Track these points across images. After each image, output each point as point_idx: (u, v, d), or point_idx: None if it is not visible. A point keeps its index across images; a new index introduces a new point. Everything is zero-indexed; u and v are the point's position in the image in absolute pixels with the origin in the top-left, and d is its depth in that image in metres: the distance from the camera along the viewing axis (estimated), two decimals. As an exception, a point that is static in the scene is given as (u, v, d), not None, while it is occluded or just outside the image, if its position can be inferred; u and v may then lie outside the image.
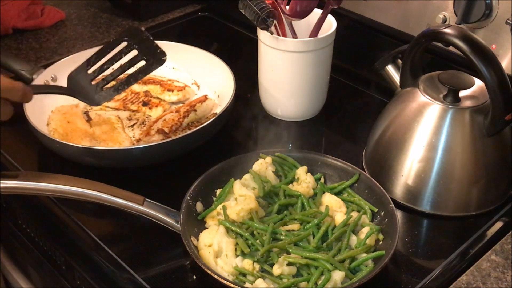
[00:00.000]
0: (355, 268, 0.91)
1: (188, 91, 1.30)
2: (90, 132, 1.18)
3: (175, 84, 1.31)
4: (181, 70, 1.36)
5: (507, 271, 0.93)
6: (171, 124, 1.17)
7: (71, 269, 1.02)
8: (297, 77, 1.21)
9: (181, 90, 1.29)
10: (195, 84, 1.34)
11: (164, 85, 1.31)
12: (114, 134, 1.17)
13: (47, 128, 1.18)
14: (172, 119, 1.19)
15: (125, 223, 1.04)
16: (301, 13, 1.17)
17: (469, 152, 1.00)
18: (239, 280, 0.89)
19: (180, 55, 1.34)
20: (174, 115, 1.20)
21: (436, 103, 1.02)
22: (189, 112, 1.20)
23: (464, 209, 1.03)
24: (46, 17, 1.58)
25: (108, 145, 1.14)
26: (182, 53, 1.34)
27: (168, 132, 1.15)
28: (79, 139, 1.14)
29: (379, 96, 1.32)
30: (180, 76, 1.35)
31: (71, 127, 1.18)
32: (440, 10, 1.22)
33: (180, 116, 1.19)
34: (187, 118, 1.19)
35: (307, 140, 1.26)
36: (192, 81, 1.35)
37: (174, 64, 1.36)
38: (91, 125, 1.20)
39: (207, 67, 1.31)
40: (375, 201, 1.01)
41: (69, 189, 0.92)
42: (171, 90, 1.29)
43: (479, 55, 0.94)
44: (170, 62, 1.35)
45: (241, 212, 0.96)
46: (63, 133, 1.16)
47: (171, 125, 1.17)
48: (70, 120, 1.19)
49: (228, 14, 1.64)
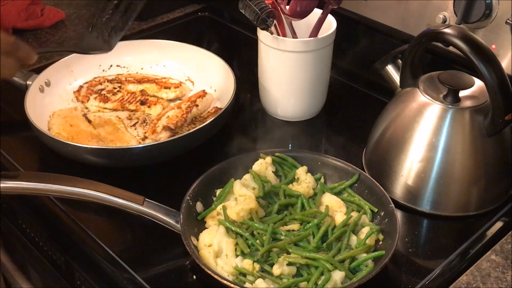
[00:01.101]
0: (355, 268, 0.91)
1: (184, 88, 1.31)
2: (95, 134, 1.18)
3: (170, 81, 1.32)
4: (173, 67, 1.38)
5: (507, 271, 0.93)
6: (176, 120, 1.19)
7: (71, 269, 1.02)
8: (297, 77, 1.21)
9: (177, 87, 1.30)
10: (189, 80, 1.36)
11: (159, 83, 1.31)
12: (119, 134, 1.18)
13: (50, 132, 1.17)
14: (175, 115, 1.20)
15: (125, 223, 1.04)
16: (301, 13, 1.17)
17: (469, 152, 1.00)
18: (239, 280, 0.90)
19: (172, 52, 1.36)
20: (177, 112, 1.21)
21: (436, 103, 1.02)
22: (191, 108, 1.22)
23: (464, 209, 1.03)
24: (46, 17, 1.57)
25: (117, 145, 1.14)
26: (174, 51, 1.36)
27: (174, 128, 1.17)
28: (86, 141, 1.15)
29: (379, 96, 1.32)
30: (173, 73, 1.37)
31: (75, 130, 1.18)
32: (440, 10, 1.22)
33: (183, 112, 1.21)
34: (190, 114, 1.21)
35: (307, 140, 1.26)
36: (185, 78, 1.36)
37: (166, 62, 1.38)
38: (94, 127, 1.20)
39: (199, 62, 1.33)
40: (375, 201, 1.01)
41: (69, 189, 0.92)
42: (168, 88, 1.30)
43: (479, 55, 0.94)
44: (162, 60, 1.37)
45: (241, 212, 0.96)
46: (68, 136, 1.16)
47: (176, 121, 1.18)
48: (72, 123, 1.19)
49: (228, 14, 1.64)
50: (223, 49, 1.54)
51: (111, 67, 1.38)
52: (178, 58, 1.37)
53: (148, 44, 1.39)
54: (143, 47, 1.39)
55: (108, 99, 1.28)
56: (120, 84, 1.33)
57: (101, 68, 1.37)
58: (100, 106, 1.27)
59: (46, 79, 1.26)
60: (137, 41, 1.41)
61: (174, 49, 1.37)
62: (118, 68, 1.38)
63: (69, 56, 1.31)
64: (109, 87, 1.32)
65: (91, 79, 1.34)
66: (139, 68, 1.39)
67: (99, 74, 1.37)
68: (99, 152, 1.09)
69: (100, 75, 1.36)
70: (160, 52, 1.38)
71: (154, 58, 1.39)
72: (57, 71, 1.29)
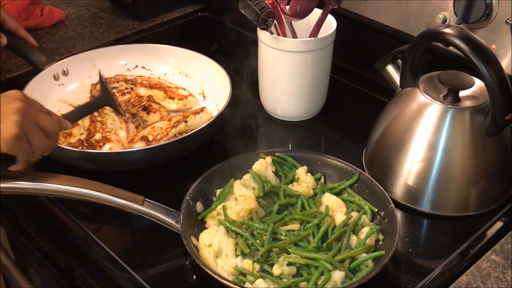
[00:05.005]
0: (355, 268, 0.91)
1: (190, 101, 1.27)
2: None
3: (179, 92, 1.29)
4: (192, 78, 1.35)
5: (507, 271, 0.93)
6: (157, 132, 1.15)
7: (71, 269, 1.02)
8: (297, 77, 1.21)
9: (182, 99, 1.26)
10: (202, 94, 1.32)
11: (167, 92, 1.28)
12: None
13: None
14: (160, 127, 1.16)
15: (125, 223, 1.04)
16: (301, 13, 1.17)
17: (469, 152, 1.00)
18: (239, 280, 0.89)
19: (193, 64, 1.33)
20: (165, 124, 1.17)
21: (436, 103, 1.02)
22: (179, 123, 1.16)
23: (464, 209, 1.03)
24: (46, 17, 1.57)
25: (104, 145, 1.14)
26: (195, 62, 1.33)
27: (152, 140, 1.13)
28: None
29: (379, 96, 1.32)
30: (190, 84, 1.34)
31: None
32: (440, 10, 1.22)
33: (169, 126, 1.16)
34: (175, 129, 1.15)
35: (307, 140, 1.26)
36: (200, 91, 1.32)
37: (188, 72, 1.35)
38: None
39: (215, 79, 1.28)
40: (375, 201, 1.01)
41: (69, 189, 0.92)
42: (172, 98, 1.27)
43: (479, 55, 0.94)
44: (185, 69, 1.35)
45: (241, 212, 0.96)
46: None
47: (157, 133, 1.15)
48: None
49: (228, 14, 1.64)
50: (223, 49, 1.55)
51: (136, 67, 1.37)
52: (200, 70, 1.33)
53: (176, 52, 1.36)
54: (171, 53, 1.36)
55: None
56: (133, 86, 1.31)
57: (126, 67, 1.37)
58: None
59: (65, 68, 1.26)
60: (166, 47, 1.37)
61: (199, 61, 1.33)
62: (143, 69, 1.37)
63: (95, 50, 1.31)
64: (122, 86, 1.31)
65: (113, 75, 1.33)
66: (162, 73, 1.37)
67: (123, 72, 1.36)
68: (87, 156, 1.07)
69: (123, 73, 1.35)
70: (185, 61, 1.35)
71: (178, 65, 1.36)
72: (78, 62, 1.29)
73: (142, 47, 1.38)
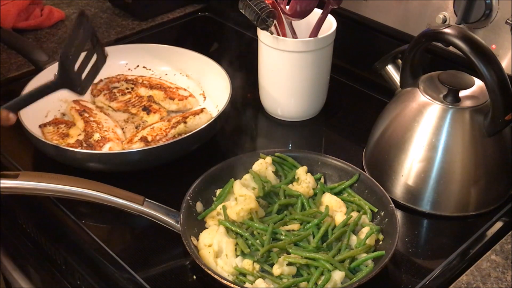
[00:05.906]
0: (355, 268, 0.91)
1: (190, 102, 1.27)
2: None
3: (179, 92, 1.28)
4: (192, 78, 1.34)
5: (507, 271, 0.93)
6: (157, 133, 1.14)
7: (71, 269, 1.02)
8: (297, 77, 1.21)
9: (181, 100, 1.26)
10: (203, 95, 1.31)
11: (168, 92, 1.28)
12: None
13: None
14: (160, 128, 1.16)
15: (125, 223, 1.04)
16: (301, 13, 1.17)
17: (469, 152, 1.00)
18: (239, 280, 0.89)
19: (193, 64, 1.33)
20: (164, 124, 1.17)
21: (436, 103, 1.02)
22: (178, 123, 1.16)
23: (464, 209, 1.03)
24: (46, 17, 1.57)
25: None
26: (195, 63, 1.33)
27: (151, 141, 1.12)
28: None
29: (379, 96, 1.32)
30: (191, 85, 1.33)
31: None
32: (440, 10, 1.22)
33: (168, 127, 1.16)
34: (174, 129, 1.15)
35: (307, 140, 1.26)
36: (200, 92, 1.32)
37: (189, 72, 1.35)
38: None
39: (214, 79, 1.28)
40: (375, 201, 1.01)
41: (69, 189, 0.92)
42: (172, 99, 1.26)
43: (479, 55, 0.94)
44: (186, 69, 1.35)
45: (241, 212, 0.96)
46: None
47: (156, 134, 1.14)
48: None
49: (228, 14, 1.64)
50: (223, 49, 1.54)
51: (137, 67, 1.37)
52: (200, 71, 1.32)
53: (176, 52, 1.35)
54: (171, 53, 1.35)
55: (116, 98, 1.27)
56: (133, 85, 1.31)
57: (127, 66, 1.37)
58: (105, 104, 1.27)
59: None
60: (166, 47, 1.36)
61: (199, 61, 1.32)
62: (144, 69, 1.37)
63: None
64: (123, 86, 1.30)
65: (114, 75, 1.33)
66: (163, 73, 1.36)
67: (124, 72, 1.35)
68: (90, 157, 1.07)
69: (124, 73, 1.35)
70: (185, 62, 1.35)
71: (179, 66, 1.36)
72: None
73: (142, 47, 1.38)
